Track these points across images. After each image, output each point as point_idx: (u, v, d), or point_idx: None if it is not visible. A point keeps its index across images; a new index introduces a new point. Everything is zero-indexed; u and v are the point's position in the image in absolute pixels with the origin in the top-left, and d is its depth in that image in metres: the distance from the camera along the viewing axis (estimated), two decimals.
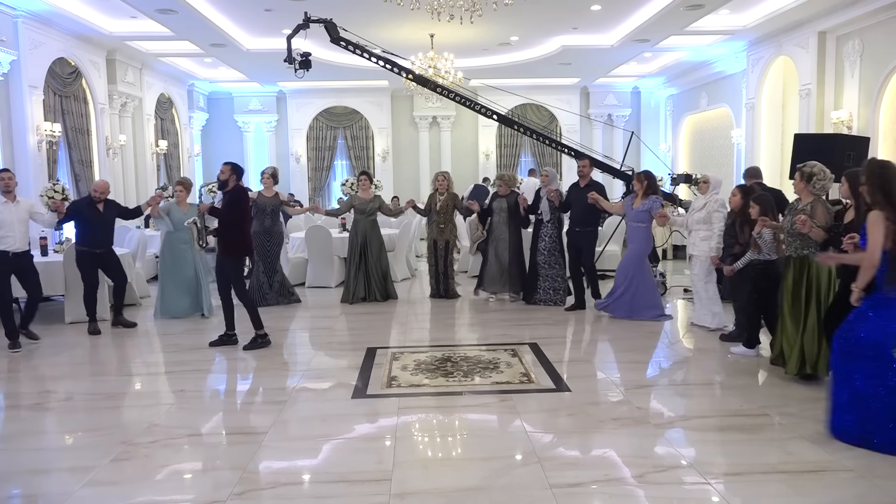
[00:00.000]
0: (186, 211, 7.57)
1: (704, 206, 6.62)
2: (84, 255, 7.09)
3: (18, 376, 5.63)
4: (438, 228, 8.57)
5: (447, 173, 8.87)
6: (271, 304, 8.25)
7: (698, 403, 4.75)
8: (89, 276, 7.10)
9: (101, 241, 7.16)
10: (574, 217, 7.90)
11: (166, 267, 7.74)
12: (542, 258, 8.02)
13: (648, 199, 7.20)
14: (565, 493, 3.34)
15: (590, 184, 7.84)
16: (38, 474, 3.68)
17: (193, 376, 5.49)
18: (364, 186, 8.71)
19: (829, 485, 3.42)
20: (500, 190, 8.41)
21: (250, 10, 10.34)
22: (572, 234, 7.91)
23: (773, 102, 12.30)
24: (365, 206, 8.60)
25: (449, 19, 8.42)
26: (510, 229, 8.25)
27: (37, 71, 10.00)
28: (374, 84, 16.20)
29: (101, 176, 11.77)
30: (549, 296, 8.06)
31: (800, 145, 8.14)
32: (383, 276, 8.67)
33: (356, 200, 8.67)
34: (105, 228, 7.22)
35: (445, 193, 8.58)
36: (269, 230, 8.32)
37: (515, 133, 15.67)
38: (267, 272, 8.32)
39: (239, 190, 6.36)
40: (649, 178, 7.35)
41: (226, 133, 17.34)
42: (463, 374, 5.36)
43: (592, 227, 7.90)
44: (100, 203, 7.16)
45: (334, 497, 3.36)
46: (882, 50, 9.43)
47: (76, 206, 7.23)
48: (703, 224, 6.58)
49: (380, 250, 8.68)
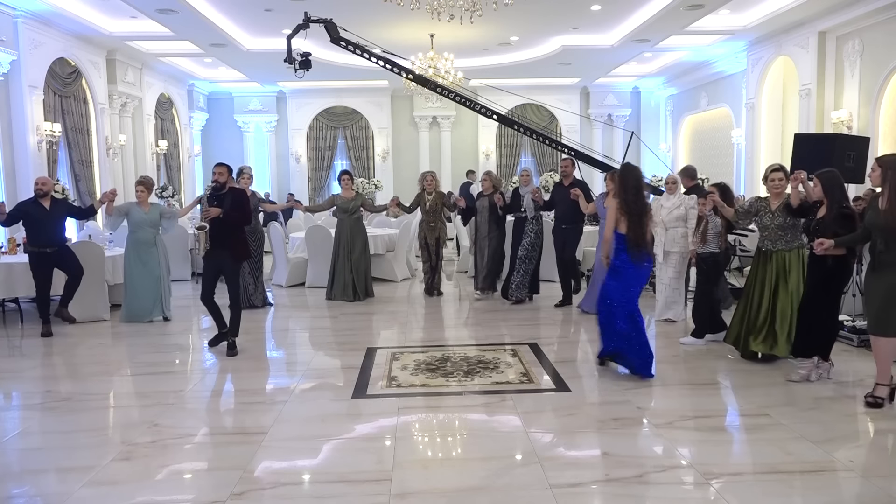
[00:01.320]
0: (148, 211, 7.44)
1: (681, 204, 6.91)
2: (34, 255, 6.89)
3: (18, 376, 5.63)
4: (429, 227, 8.82)
5: (434, 173, 9.11)
6: (257, 306, 8.20)
7: (698, 403, 4.75)
8: (41, 277, 6.88)
9: (51, 240, 6.91)
10: (559, 215, 8.18)
11: (132, 269, 7.44)
12: (523, 252, 8.17)
13: None
14: (565, 493, 3.34)
15: (573, 182, 8.10)
16: (38, 474, 3.68)
17: (193, 376, 5.49)
18: (346, 185, 8.76)
19: (829, 485, 3.41)
20: (485, 189, 8.52)
21: (250, 10, 10.34)
22: (558, 230, 8.17)
23: (773, 102, 12.30)
24: (347, 204, 8.64)
25: (449, 19, 8.43)
26: (494, 227, 8.43)
27: (37, 71, 10.00)
28: (374, 84, 16.20)
29: (101, 176, 11.79)
30: (521, 291, 8.23)
31: (800, 145, 8.14)
32: (364, 274, 8.74)
33: (338, 199, 8.73)
34: (54, 226, 6.94)
35: (434, 193, 8.81)
36: (253, 230, 8.27)
37: (515, 133, 15.69)
38: (253, 273, 8.26)
39: (240, 190, 6.33)
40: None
41: (226, 133, 17.34)
42: (463, 374, 5.36)
43: (577, 223, 8.14)
44: (44, 199, 6.91)
45: (334, 497, 3.36)
46: (882, 50, 9.44)
47: (21, 207, 6.99)
48: (682, 221, 6.86)
49: (363, 249, 8.76)
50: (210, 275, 6.17)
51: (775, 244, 5.34)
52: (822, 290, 4.83)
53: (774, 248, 5.34)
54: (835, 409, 4.47)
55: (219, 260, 6.06)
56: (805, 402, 4.60)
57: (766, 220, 5.36)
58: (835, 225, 4.64)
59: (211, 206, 6.01)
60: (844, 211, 4.67)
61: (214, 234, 6.01)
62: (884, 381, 4.44)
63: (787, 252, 5.30)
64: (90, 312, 7.41)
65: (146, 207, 7.50)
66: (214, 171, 6.19)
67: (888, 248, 4.28)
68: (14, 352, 6.40)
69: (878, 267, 4.36)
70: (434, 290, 8.94)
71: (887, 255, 4.29)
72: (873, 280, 4.41)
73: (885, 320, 4.33)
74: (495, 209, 8.31)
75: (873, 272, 4.41)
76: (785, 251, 5.30)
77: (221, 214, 5.98)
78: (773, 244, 5.35)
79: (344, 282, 8.60)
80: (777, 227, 5.31)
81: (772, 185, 5.39)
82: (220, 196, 6.07)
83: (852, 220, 4.64)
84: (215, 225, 6.01)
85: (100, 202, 7.39)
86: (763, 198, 5.53)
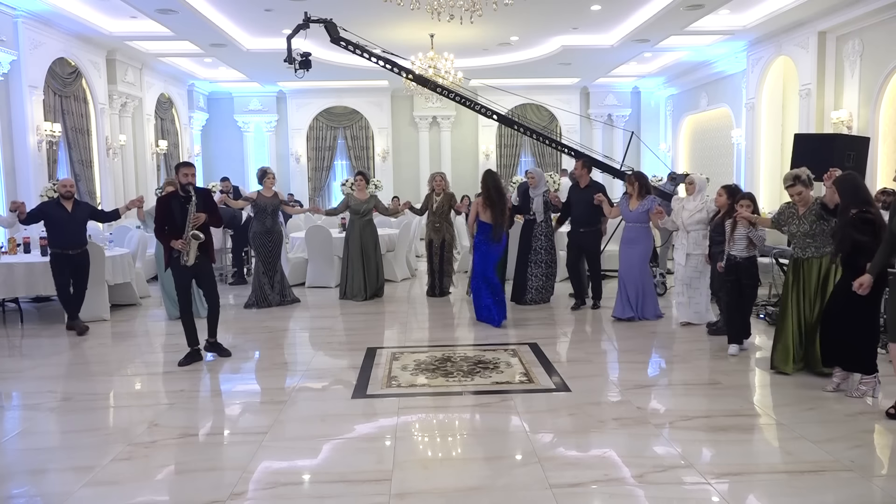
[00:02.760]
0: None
1: (703, 207, 6.71)
2: (55, 257, 6.89)
3: (18, 376, 5.63)
4: (434, 228, 8.75)
5: (444, 174, 9.03)
6: (273, 304, 8.26)
7: (698, 403, 4.75)
8: (61, 279, 6.90)
9: (73, 242, 6.92)
10: (576, 217, 7.88)
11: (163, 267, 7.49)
12: (536, 257, 8.05)
13: (646, 199, 7.23)
14: (565, 493, 3.34)
15: (591, 184, 7.84)
16: (38, 474, 3.68)
17: (193, 376, 5.49)
18: (360, 187, 8.76)
19: (829, 485, 3.41)
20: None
21: (250, 10, 10.34)
22: (575, 234, 7.90)
23: (773, 102, 12.30)
24: (360, 206, 8.64)
25: (449, 19, 8.42)
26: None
27: (37, 71, 10.00)
28: (374, 84, 16.20)
29: (101, 177, 11.79)
30: (541, 295, 8.17)
31: (800, 145, 8.14)
32: (377, 274, 8.80)
33: (352, 200, 8.71)
34: (76, 228, 6.95)
35: (442, 194, 8.74)
36: (270, 230, 8.31)
37: (515, 133, 15.68)
38: (268, 273, 8.31)
39: (207, 190, 6.21)
40: (641, 178, 7.41)
41: (226, 133, 17.34)
42: (463, 374, 5.36)
43: (595, 226, 7.83)
44: (67, 200, 6.92)
45: (334, 497, 3.36)
46: (882, 50, 9.43)
47: (42, 208, 7.00)
48: (703, 224, 6.67)
49: (376, 250, 8.80)
50: (187, 283, 5.83)
51: (805, 251, 5.09)
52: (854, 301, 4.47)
53: (804, 255, 5.09)
54: (835, 409, 4.46)
55: (196, 266, 5.75)
56: (805, 402, 4.60)
57: (792, 227, 5.15)
58: (853, 230, 4.48)
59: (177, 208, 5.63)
60: (866, 216, 4.47)
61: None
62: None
63: (818, 259, 5.04)
64: (90, 312, 7.39)
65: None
66: (185, 171, 5.71)
67: None
68: (14, 352, 6.40)
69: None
70: (438, 291, 8.86)
71: None
72: (893, 288, 4.29)
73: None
74: None
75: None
76: (816, 258, 5.05)
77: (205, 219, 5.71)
78: (802, 251, 5.11)
79: (360, 281, 8.63)
80: (804, 234, 5.07)
81: (795, 199, 5.13)
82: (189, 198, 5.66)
83: (872, 225, 4.45)
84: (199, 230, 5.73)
85: (126, 207, 7.44)
86: (791, 203, 5.23)
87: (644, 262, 7.28)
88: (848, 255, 4.54)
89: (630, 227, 7.39)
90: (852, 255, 4.50)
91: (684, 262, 6.82)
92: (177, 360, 5.81)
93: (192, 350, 5.86)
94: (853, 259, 4.50)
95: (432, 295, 8.87)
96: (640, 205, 7.23)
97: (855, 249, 4.48)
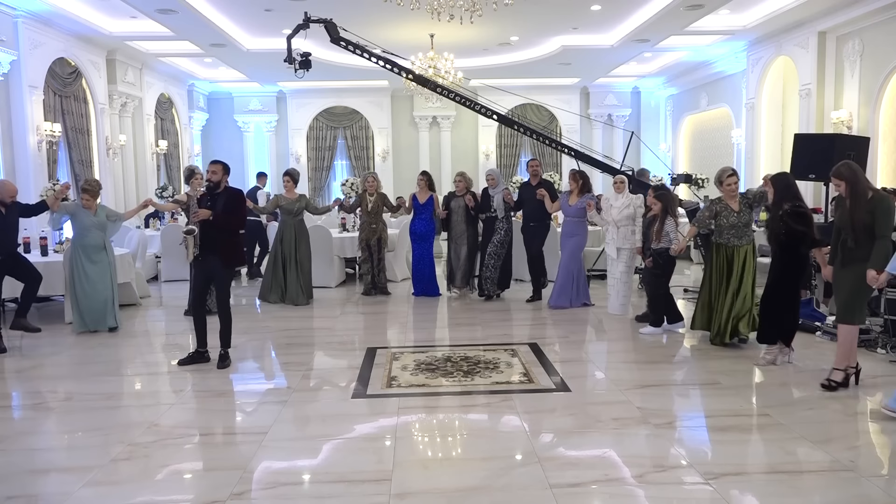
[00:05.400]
0: (95, 213, 7.00)
1: (629, 204, 7.40)
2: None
3: (19, 376, 5.63)
4: (370, 228, 8.94)
5: (376, 174, 9.25)
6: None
7: (698, 403, 4.75)
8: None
9: (4, 246, 6.48)
10: (527, 213, 8.55)
11: (81, 275, 6.95)
12: (492, 249, 8.38)
13: (584, 196, 7.80)
14: (565, 493, 3.34)
15: (540, 182, 8.53)
16: (38, 474, 3.68)
17: (193, 376, 5.49)
18: (287, 187, 8.77)
19: (829, 485, 3.42)
20: (458, 189, 8.61)
21: (250, 10, 10.34)
22: (527, 228, 8.57)
23: (773, 102, 12.30)
24: (291, 205, 8.62)
25: (449, 19, 8.43)
26: (467, 227, 8.62)
27: (37, 71, 10.00)
28: (374, 84, 16.19)
29: (101, 177, 11.76)
30: (491, 287, 8.48)
31: (800, 145, 8.15)
32: (306, 276, 8.68)
33: (282, 200, 8.69)
34: (7, 232, 6.53)
35: (375, 194, 8.94)
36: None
37: (515, 133, 15.68)
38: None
39: (237, 191, 5.94)
40: (584, 177, 8.02)
41: (226, 133, 17.33)
42: (463, 374, 5.36)
43: (544, 221, 8.49)
44: (2, 206, 6.45)
45: (334, 497, 3.36)
46: (882, 50, 9.44)
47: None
48: (631, 220, 7.37)
49: (307, 250, 8.73)
50: (199, 283, 5.79)
51: (740, 240, 6.00)
52: (784, 282, 5.36)
53: (740, 243, 6.00)
54: (835, 409, 4.47)
55: (209, 266, 5.66)
56: (805, 402, 4.61)
57: (731, 220, 5.99)
58: (791, 220, 5.22)
59: (203, 206, 5.61)
60: (799, 209, 5.24)
61: (205, 238, 5.60)
62: (840, 367, 4.80)
63: (747, 246, 6.01)
64: None
65: (92, 209, 7.02)
66: (208, 168, 5.76)
67: (857, 245, 4.63)
68: (14, 352, 6.40)
69: (847, 262, 4.73)
70: (376, 290, 9.04)
71: (857, 251, 4.64)
72: (842, 274, 4.79)
73: (852, 310, 4.74)
74: (468, 209, 8.52)
75: (843, 267, 4.78)
76: (745, 246, 6.01)
77: (211, 216, 5.57)
78: (738, 240, 6.00)
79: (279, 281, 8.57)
80: (744, 225, 5.99)
81: (728, 189, 5.99)
82: (215, 197, 5.66)
83: (804, 217, 5.25)
84: (206, 228, 5.60)
85: (53, 198, 6.93)
86: (717, 200, 6.10)
87: (578, 253, 8.04)
88: (783, 243, 5.29)
89: (568, 222, 8.07)
90: (790, 243, 5.26)
91: (616, 256, 7.49)
92: (176, 360, 5.82)
93: (196, 352, 5.80)
94: (791, 245, 5.27)
95: (369, 294, 9.03)
96: (578, 201, 7.85)
97: (791, 237, 5.23)
